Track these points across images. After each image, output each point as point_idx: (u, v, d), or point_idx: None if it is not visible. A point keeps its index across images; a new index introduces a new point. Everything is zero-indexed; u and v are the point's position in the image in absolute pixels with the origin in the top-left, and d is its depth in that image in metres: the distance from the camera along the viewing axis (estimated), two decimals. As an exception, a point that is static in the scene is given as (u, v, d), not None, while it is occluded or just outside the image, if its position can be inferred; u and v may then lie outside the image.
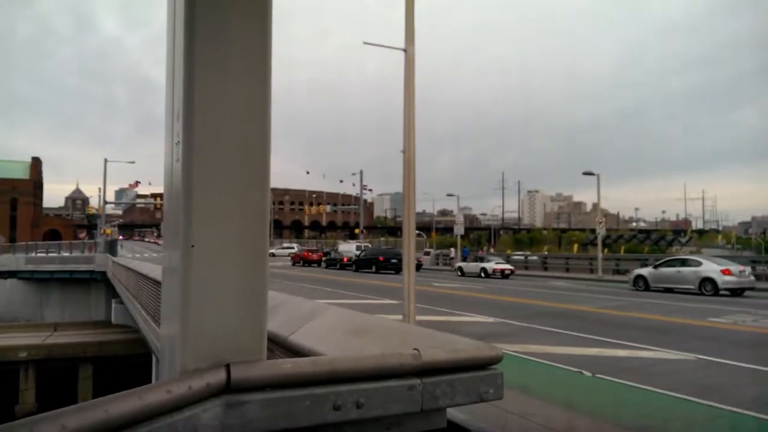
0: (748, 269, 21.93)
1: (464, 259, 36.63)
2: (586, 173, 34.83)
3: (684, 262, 22.97)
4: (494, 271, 31.77)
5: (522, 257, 45.95)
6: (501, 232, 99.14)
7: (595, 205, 44.04)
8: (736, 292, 20.79)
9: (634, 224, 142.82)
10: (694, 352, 8.82)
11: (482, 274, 32.15)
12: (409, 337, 2.33)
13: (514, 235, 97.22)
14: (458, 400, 1.83)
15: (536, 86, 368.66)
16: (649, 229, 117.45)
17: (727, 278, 20.61)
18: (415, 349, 1.77)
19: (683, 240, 69.40)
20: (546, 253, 54.83)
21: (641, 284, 23.43)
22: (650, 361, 8.40)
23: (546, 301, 17.75)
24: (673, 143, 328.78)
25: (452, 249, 49.11)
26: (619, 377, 7.00)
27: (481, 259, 35.04)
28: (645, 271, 23.86)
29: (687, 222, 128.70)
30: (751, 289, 21.37)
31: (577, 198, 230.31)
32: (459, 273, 34.76)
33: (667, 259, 25.33)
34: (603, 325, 12.27)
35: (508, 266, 32.88)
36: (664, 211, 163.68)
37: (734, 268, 21.09)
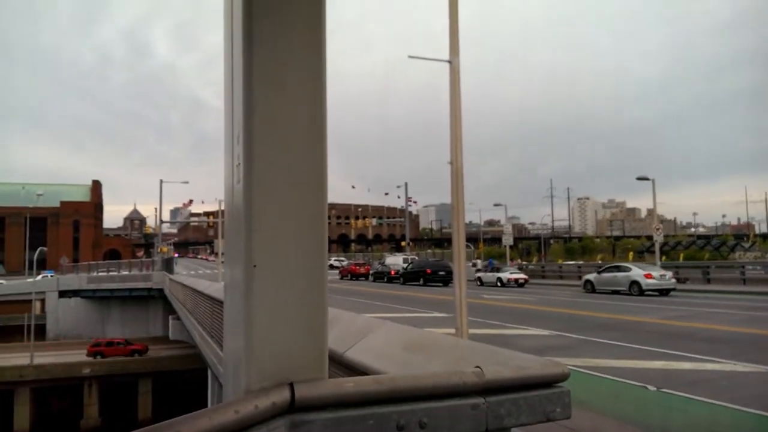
0: (669, 273, 25.28)
1: (491, 270, 37.29)
2: (640, 178, 33.65)
3: (619, 269, 26.80)
4: (509, 280, 34.02)
5: (575, 266, 44.86)
6: (551, 241, 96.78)
7: (651, 211, 42.64)
8: (662, 292, 24.15)
9: (693, 230, 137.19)
10: (765, 364, 8.34)
11: (498, 284, 34.33)
12: (469, 354, 2.28)
13: (565, 244, 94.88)
14: (523, 420, 1.77)
15: (583, 90, 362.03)
16: (708, 234, 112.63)
17: (649, 281, 24.15)
18: (477, 366, 1.73)
19: (746, 245, 65.50)
20: (600, 261, 53.29)
21: (589, 287, 27.25)
22: (718, 374, 7.99)
23: (599, 312, 17.22)
24: (730, 144, 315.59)
25: (478, 261, 53.93)
26: (686, 392, 6.68)
27: (498, 270, 37.04)
28: (592, 276, 27.72)
29: (749, 226, 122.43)
30: (673, 289, 24.70)
31: (630, 204, 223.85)
32: (478, 283, 36.04)
33: (607, 266, 29.01)
34: (663, 337, 11.78)
35: (522, 275, 34.94)
36: (724, 215, 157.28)
37: (656, 272, 24.82)
